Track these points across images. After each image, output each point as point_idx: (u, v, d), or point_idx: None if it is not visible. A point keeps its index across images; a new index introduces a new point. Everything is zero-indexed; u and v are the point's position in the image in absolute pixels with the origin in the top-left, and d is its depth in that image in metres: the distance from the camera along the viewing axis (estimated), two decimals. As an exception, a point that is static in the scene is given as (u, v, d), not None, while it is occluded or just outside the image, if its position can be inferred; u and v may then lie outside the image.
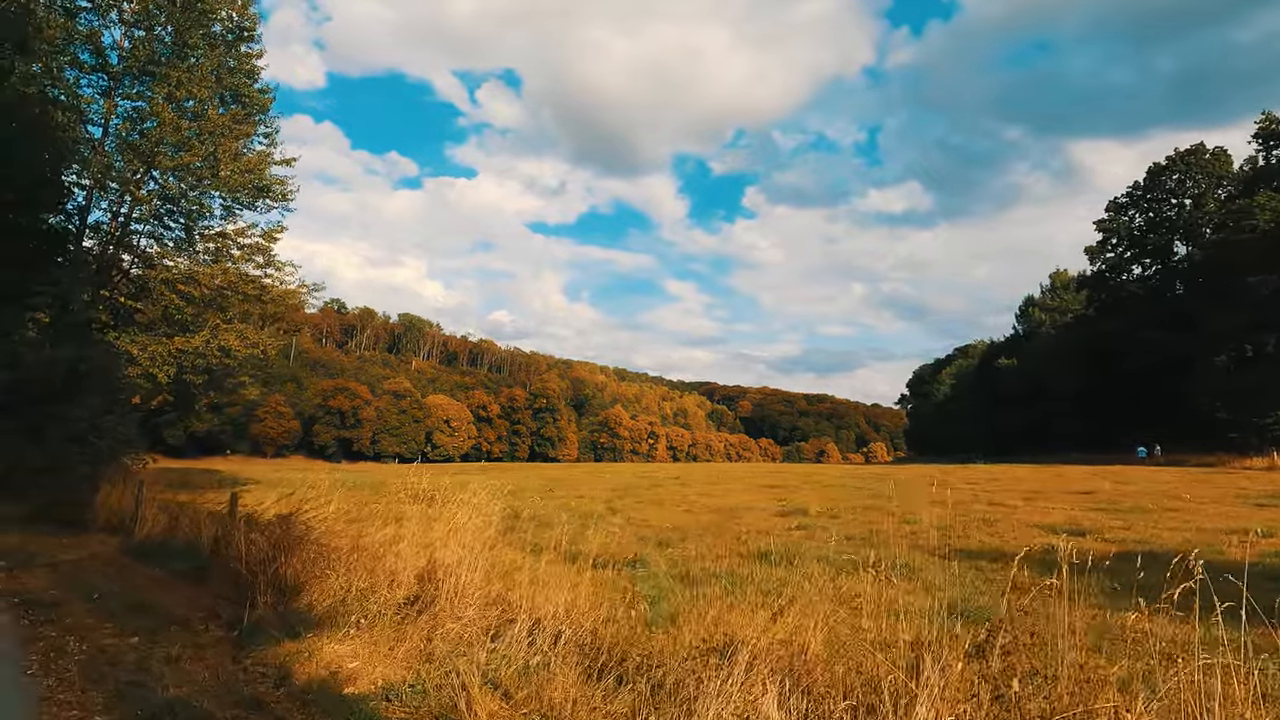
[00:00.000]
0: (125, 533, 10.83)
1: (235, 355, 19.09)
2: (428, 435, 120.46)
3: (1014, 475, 31.79)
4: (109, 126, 20.57)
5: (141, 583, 7.63)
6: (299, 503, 7.56)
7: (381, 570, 5.75)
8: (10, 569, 8.93)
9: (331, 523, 7.55)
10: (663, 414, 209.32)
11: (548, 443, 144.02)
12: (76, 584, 7.83)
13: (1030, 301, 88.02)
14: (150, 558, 8.77)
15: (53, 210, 19.64)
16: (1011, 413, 78.80)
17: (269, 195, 21.71)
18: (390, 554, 6.37)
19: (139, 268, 20.55)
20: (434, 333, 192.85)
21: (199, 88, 19.22)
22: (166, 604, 6.60)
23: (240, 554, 6.60)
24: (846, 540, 11.78)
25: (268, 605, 5.83)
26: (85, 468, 13.07)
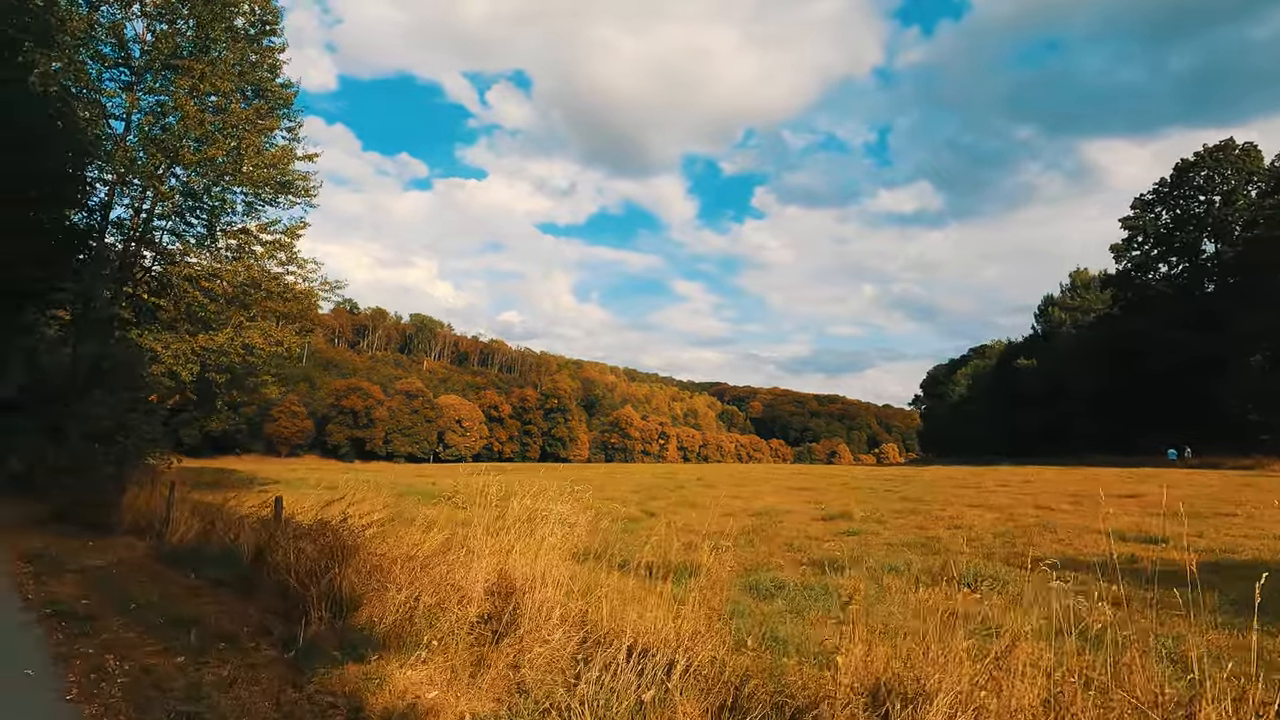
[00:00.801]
0: (154, 536, 10.41)
1: (259, 353, 18.71)
2: (440, 435, 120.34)
3: (1044, 477, 30.97)
4: (131, 122, 20.29)
5: (179, 592, 7.17)
6: (344, 507, 7.06)
7: (449, 584, 5.23)
8: (38, 575, 8.51)
9: (377, 528, 7.06)
10: (673, 414, 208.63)
11: (559, 443, 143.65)
12: (110, 593, 7.38)
13: (1050, 301, 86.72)
14: (184, 564, 8.31)
15: (75, 206, 19.37)
16: (1031, 413, 77.65)
17: (291, 191, 21.34)
18: (447, 564, 5.87)
19: (161, 264, 20.23)
20: (445, 333, 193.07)
21: (222, 81, 18.88)
22: (210, 617, 6.12)
23: (288, 563, 6.11)
24: (906, 547, 11.19)
25: (323, 621, 5.34)
26: (110, 467, 12.68)
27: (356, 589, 5.57)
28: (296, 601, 5.90)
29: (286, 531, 6.61)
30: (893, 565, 9.01)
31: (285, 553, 6.30)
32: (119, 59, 20.13)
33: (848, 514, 15.70)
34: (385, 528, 7.53)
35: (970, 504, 19.00)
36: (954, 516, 15.73)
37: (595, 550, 7.25)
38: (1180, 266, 57.97)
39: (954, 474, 36.18)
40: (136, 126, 19.98)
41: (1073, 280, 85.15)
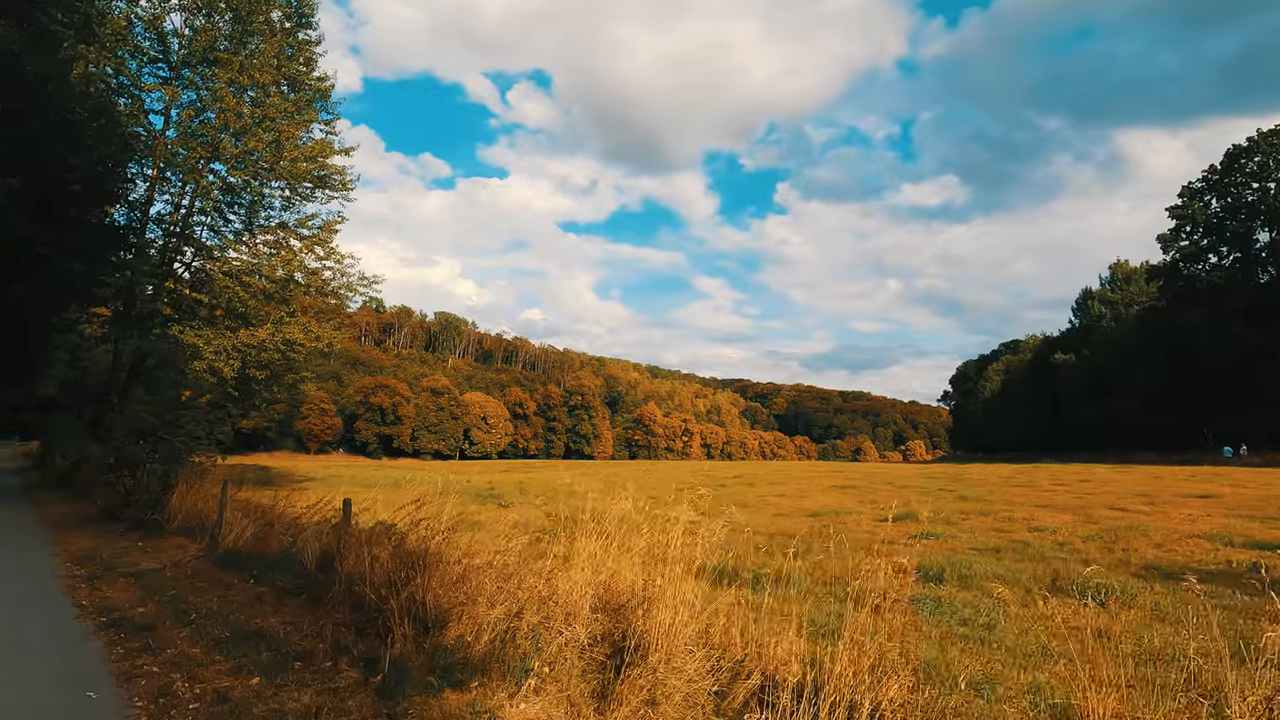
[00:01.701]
0: (207, 537, 10.02)
1: (300, 348, 18.43)
2: (465, 432, 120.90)
3: (1099, 476, 29.73)
4: (170, 117, 20.13)
5: (240, 600, 6.70)
6: (414, 510, 6.52)
7: (550, 599, 4.64)
8: (90, 578, 8.14)
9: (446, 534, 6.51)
10: (696, 411, 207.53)
11: (583, 440, 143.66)
12: (167, 600, 6.95)
13: (1088, 294, 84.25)
14: (241, 568, 7.86)
15: (116, 202, 19.25)
16: (1070, 409, 75.48)
17: (328, 186, 21.06)
18: (538, 574, 5.29)
19: (200, 260, 20.07)
20: (469, 331, 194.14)
21: (260, 74, 18.61)
22: (279, 631, 5.62)
23: (362, 572, 5.58)
24: (994, 553, 10.40)
25: (407, 639, 4.78)
26: (156, 465, 12.36)
27: (442, 602, 5.01)
28: (373, 615, 5.36)
29: (356, 536, 6.07)
30: (996, 574, 8.26)
31: (357, 560, 5.77)
32: (158, 54, 19.99)
33: (913, 515, 14.89)
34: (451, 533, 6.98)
35: (1037, 504, 18.05)
36: (1028, 518, 14.84)
37: (658, 553, 6.64)
38: (1231, 257, 55.68)
39: (1000, 472, 34.99)
40: (176, 122, 19.83)
41: (1113, 273, 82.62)
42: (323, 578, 6.25)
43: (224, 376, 17.47)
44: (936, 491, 23.41)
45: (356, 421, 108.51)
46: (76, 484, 19.99)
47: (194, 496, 11.45)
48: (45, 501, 17.30)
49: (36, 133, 15.75)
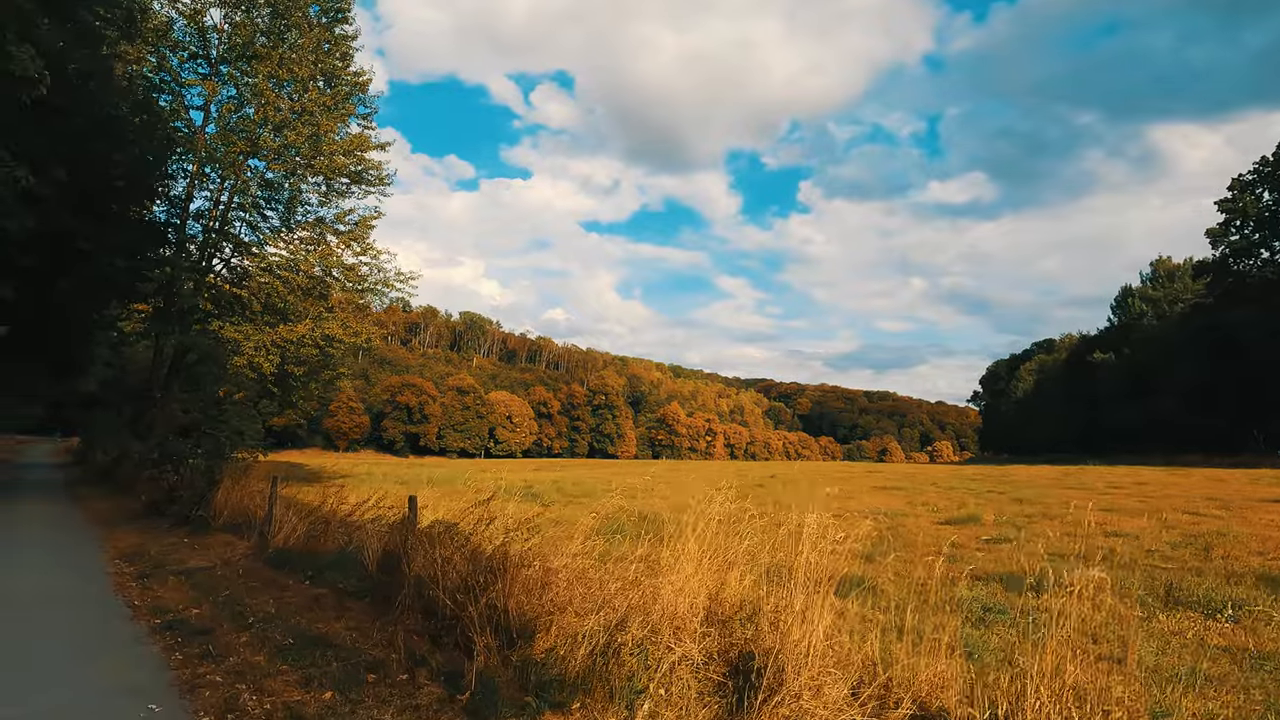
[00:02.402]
0: (252, 534, 9.74)
1: (339, 344, 18.25)
2: (490, 431, 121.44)
3: (1155, 479, 28.46)
4: (210, 113, 20.10)
5: (298, 602, 6.33)
6: (480, 510, 6.09)
7: (658, 610, 4.16)
8: (140, 576, 7.86)
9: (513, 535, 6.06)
10: (719, 411, 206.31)
11: (607, 439, 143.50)
12: (221, 601, 6.61)
13: (1128, 292, 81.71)
14: (294, 568, 7.52)
15: (158, 198, 19.25)
16: (1110, 409, 73.27)
17: (365, 181, 20.88)
18: (624, 581, 4.82)
19: (239, 256, 20.01)
20: (494, 330, 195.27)
21: (299, 67, 18.45)
22: (345, 638, 5.22)
23: (433, 575, 5.15)
24: (1078, 559, 9.69)
25: (491, 651, 4.33)
26: (199, 461, 12.18)
27: (526, 611, 4.56)
28: (448, 623, 4.93)
29: (423, 537, 5.66)
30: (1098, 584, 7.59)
31: (426, 562, 5.35)
32: (197, 50, 19.96)
33: (975, 517, 14.18)
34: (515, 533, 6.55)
35: (1101, 508, 17.16)
36: (1100, 523, 14.03)
37: (778, 559, 6.14)
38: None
39: (1046, 473, 33.78)
40: (215, 117, 19.79)
41: (1154, 269, 80.00)
42: (387, 580, 5.84)
43: (264, 372, 17.36)
44: (986, 493, 22.52)
45: (384, 420, 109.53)
46: (118, 479, 20.06)
47: (239, 493, 11.20)
48: (89, 497, 17.33)
49: (80, 128, 15.72)
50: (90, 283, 17.77)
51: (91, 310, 19.43)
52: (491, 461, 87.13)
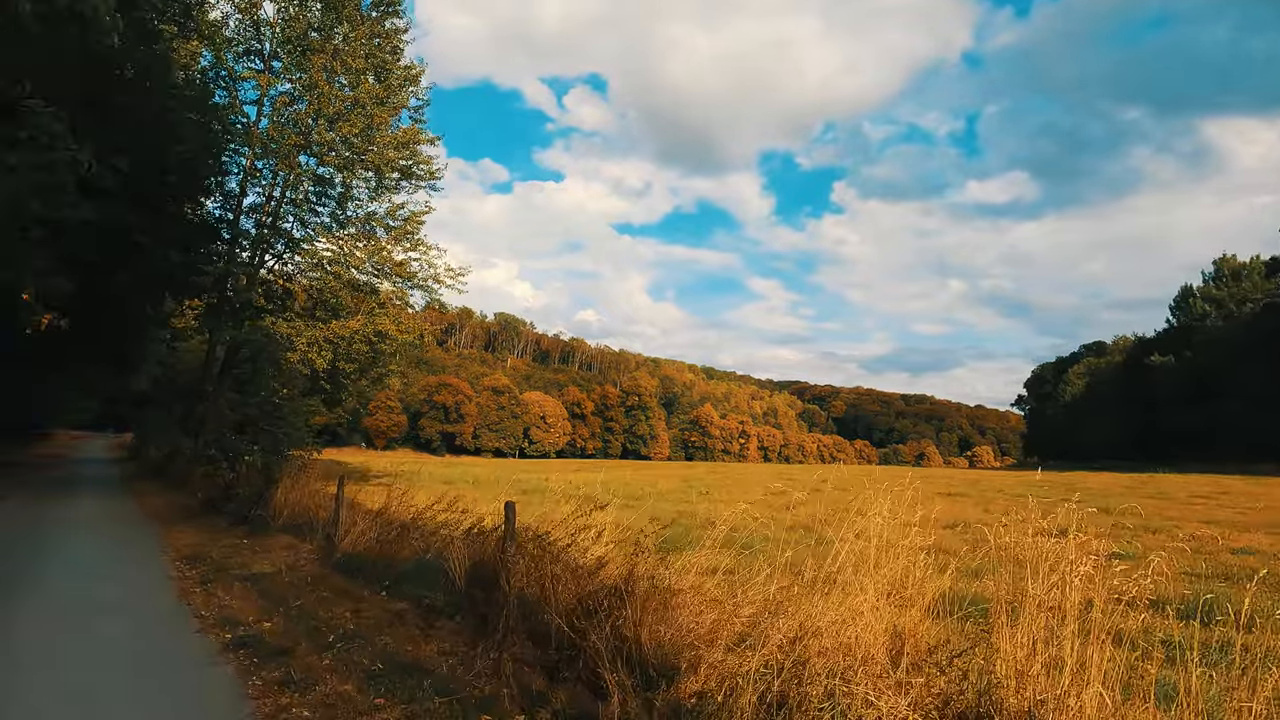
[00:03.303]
0: (314, 536, 9.25)
1: (391, 340, 17.90)
2: (525, 431, 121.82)
3: (1236, 488, 26.65)
4: (263, 107, 19.97)
5: (377, 618, 5.71)
6: (579, 518, 5.40)
7: (820, 644, 3.39)
8: (204, 582, 7.37)
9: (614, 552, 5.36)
10: (752, 413, 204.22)
11: (640, 440, 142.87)
12: (294, 614, 6.04)
13: (1189, 292, 78.01)
14: (366, 577, 6.94)
15: (213, 193, 19.17)
16: (1169, 414, 69.97)
17: (415, 176, 20.53)
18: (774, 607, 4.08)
19: (290, 251, 19.82)
20: (527, 331, 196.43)
21: (353, 59, 18.16)
22: (440, 665, 4.56)
23: (543, 595, 4.47)
24: (1226, 581, 8.63)
25: (627, 691, 3.61)
26: (256, 458, 11.81)
27: (664, 643, 3.83)
28: (564, 652, 4.23)
29: (523, 550, 4.97)
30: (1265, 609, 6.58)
31: (530, 578, 4.67)
32: (251, 44, 19.85)
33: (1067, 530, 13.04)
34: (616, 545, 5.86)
35: (1200, 519, 15.85)
36: (1213, 537, 12.80)
37: None
38: (1368, 247, 50.05)
39: (1117, 480, 32.04)
40: (269, 112, 19.64)
41: (1218, 268, 76.20)
42: (481, 597, 5.18)
43: (317, 368, 17.09)
44: (1060, 501, 21.14)
45: (421, 419, 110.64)
46: (172, 475, 20.06)
47: (298, 492, 10.76)
48: (145, 492, 17.26)
49: (139, 120, 15.59)
50: (146, 278, 17.73)
51: (147, 305, 19.46)
52: (530, 462, 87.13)
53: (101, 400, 43.83)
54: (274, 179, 19.70)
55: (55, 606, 6.22)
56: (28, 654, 4.97)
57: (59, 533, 10.62)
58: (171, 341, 21.55)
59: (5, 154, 7.83)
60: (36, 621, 5.75)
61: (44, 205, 9.28)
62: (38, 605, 6.23)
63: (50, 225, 9.95)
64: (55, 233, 10.96)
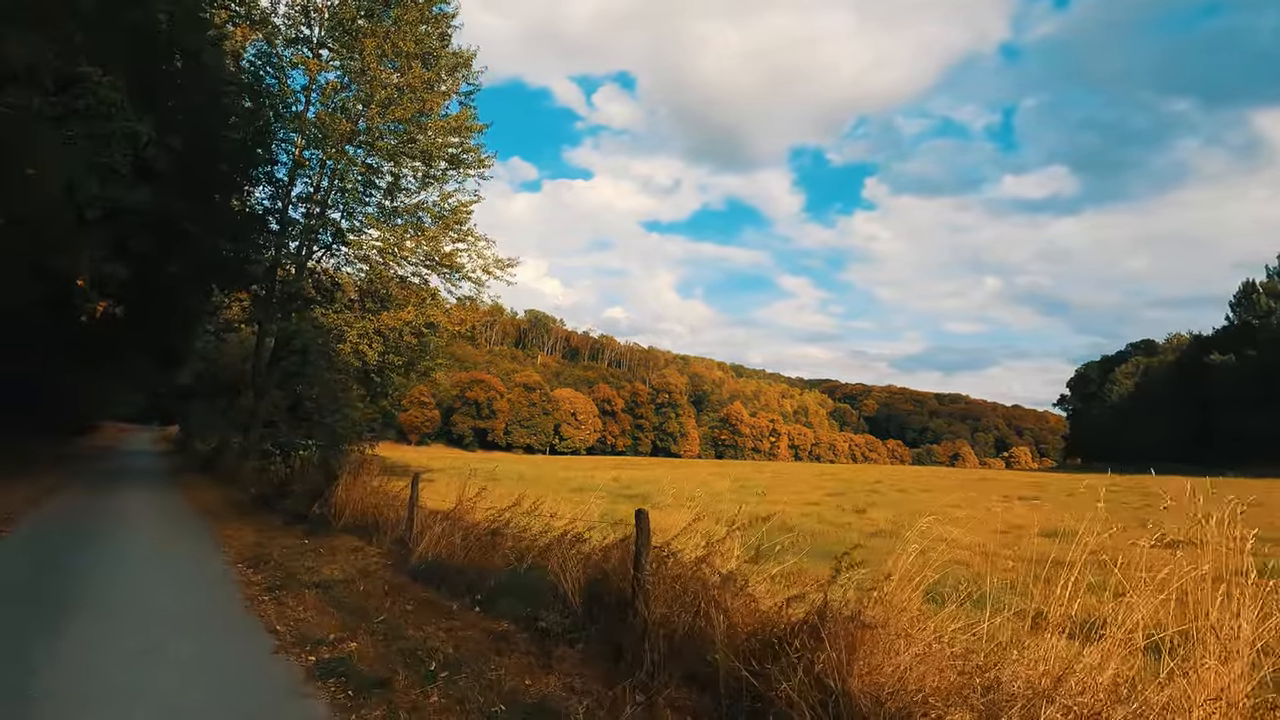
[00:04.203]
0: (379, 538, 8.60)
1: (442, 332, 17.32)
2: (556, 428, 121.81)
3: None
4: (310, 96, 19.52)
5: (478, 641, 4.95)
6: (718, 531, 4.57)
7: (1089, 702, 2.51)
8: (272, 589, 6.71)
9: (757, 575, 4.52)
10: (782, 412, 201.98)
11: (670, 438, 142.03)
12: (379, 631, 5.32)
13: (1251, 288, 74.30)
14: (451, 589, 6.21)
15: (262, 182, 18.80)
16: (1229, 415, 66.78)
17: (464, 164, 19.92)
18: (985, 652, 3.20)
19: (338, 242, 19.37)
20: (557, 328, 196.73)
21: (404, 42, 17.59)
22: (575, 708, 3.76)
23: (705, 627, 3.64)
24: None
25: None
26: (312, 452, 11.24)
27: (885, 700, 2.97)
28: (743, 702, 3.39)
29: (664, 568, 4.16)
30: None
31: (681, 605, 3.85)
32: (301, 30, 19.41)
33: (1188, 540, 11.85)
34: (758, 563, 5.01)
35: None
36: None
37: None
38: None
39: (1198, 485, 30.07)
40: (317, 99, 19.17)
41: (1283, 262, 72.44)
42: (607, 621, 4.37)
43: (368, 361, 16.61)
44: (1143, 508, 19.73)
45: (454, 415, 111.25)
46: (220, 469, 19.81)
47: (359, 490, 10.14)
48: (194, 486, 16.96)
49: (189, 108, 15.20)
50: (197, 268, 17.39)
51: (196, 297, 19.18)
52: (568, 459, 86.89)
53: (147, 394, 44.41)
54: (322, 169, 19.26)
55: (117, 621, 5.59)
56: (92, 681, 4.31)
57: (113, 529, 10.16)
58: (221, 333, 21.28)
59: (63, 124, 7.31)
60: (97, 641, 5.12)
61: (101, 185, 8.79)
62: (96, 620, 5.60)
63: (106, 207, 9.47)
64: (110, 216, 10.51)
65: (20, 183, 8.14)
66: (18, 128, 7.50)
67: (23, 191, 8.32)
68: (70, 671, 4.39)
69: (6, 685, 4.09)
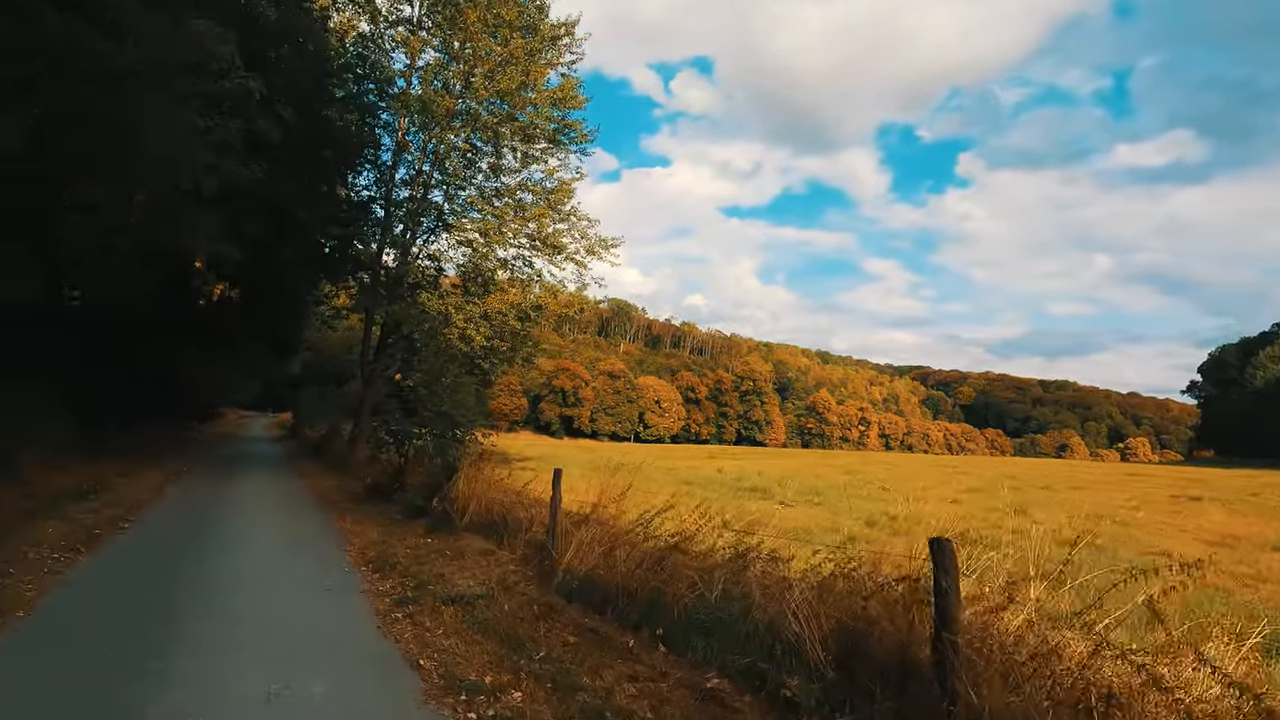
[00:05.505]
0: (510, 539, 7.63)
1: (548, 315, 16.51)
2: (640, 415, 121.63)
3: None
4: (411, 78, 19.04)
5: (687, 704, 3.72)
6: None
7: None
8: (403, 604, 5.77)
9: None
10: (871, 399, 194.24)
11: (755, 426, 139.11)
12: (543, 671, 4.19)
13: None
14: (618, 616, 5.04)
15: (368, 168, 18.54)
16: None
17: (569, 139, 18.92)
18: None
19: (442, 227, 18.89)
20: (639, 316, 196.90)
21: (506, 10, 16.72)
22: None
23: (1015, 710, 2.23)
24: None
25: None
26: (427, 442, 10.51)
27: None
28: None
29: (992, 635, 2.76)
30: None
31: (1033, 686, 2.43)
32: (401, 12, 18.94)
33: None
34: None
35: None
36: None
37: None
38: None
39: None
40: (418, 81, 18.66)
41: None
42: (887, 696, 3.01)
43: (475, 345, 16.03)
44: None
45: (541, 403, 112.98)
46: (331, 456, 19.93)
47: (481, 484, 9.26)
48: (309, 473, 16.97)
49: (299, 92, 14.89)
50: (307, 255, 17.33)
51: (305, 284, 19.26)
52: (658, 447, 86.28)
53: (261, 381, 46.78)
54: (423, 152, 18.78)
55: (234, 651, 4.75)
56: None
57: (233, 521, 9.75)
58: (330, 320, 21.43)
59: (173, 85, 6.70)
60: (212, 681, 4.26)
61: (216, 155, 8.25)
62: (212, 650, 4.79)
63: (220, 184, 8.98)
64: (224, 198, 10.11)
65: (138, 158, 7.63)
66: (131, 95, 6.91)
67: (141, 167, 7.82)
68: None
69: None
